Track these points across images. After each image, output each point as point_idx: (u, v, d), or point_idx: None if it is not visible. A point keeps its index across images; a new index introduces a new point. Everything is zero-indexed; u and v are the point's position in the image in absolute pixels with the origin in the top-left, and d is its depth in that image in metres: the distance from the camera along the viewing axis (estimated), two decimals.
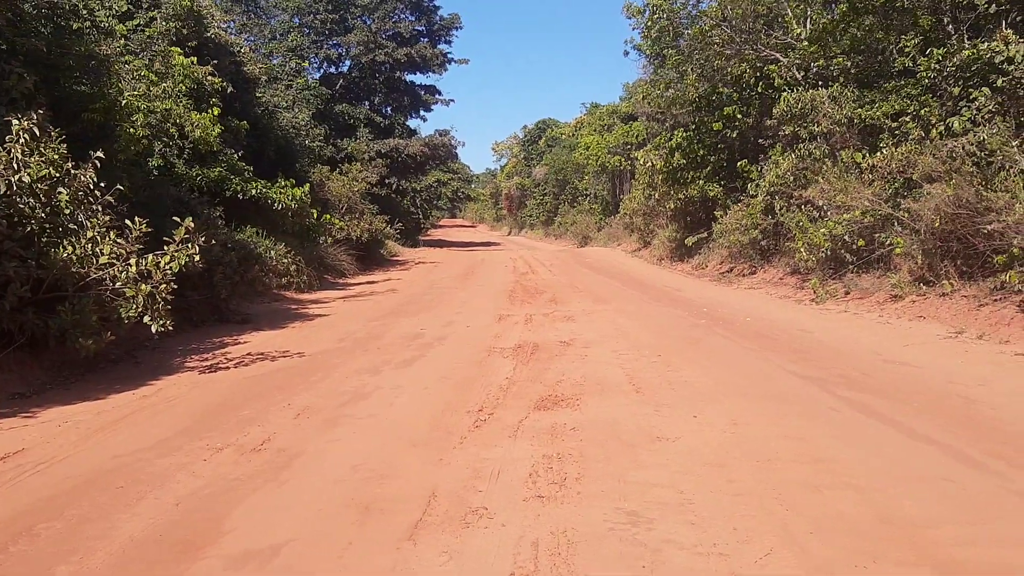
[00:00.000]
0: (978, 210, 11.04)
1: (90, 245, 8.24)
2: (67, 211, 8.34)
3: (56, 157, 8.20)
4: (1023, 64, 10.81)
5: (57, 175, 8.23)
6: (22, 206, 7.90)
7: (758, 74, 19.38)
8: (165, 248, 8.59)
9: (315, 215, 19.99)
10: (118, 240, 8.33)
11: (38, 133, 8.11)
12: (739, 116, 19.99)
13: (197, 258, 8.66)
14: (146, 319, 8.29)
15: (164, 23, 16.45)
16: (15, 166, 7.85)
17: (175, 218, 8.74)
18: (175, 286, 8.59)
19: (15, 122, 8.02)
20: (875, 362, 8.65)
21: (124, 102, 12.27)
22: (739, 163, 20.00)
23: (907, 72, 14.72)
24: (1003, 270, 10.42)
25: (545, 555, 3.71)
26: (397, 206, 37.92)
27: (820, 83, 17.07)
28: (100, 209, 8.64)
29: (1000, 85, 11.09)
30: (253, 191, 17.46)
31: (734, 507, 4.26)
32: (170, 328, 8.53)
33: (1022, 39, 11.06)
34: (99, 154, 8.61)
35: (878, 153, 13.50)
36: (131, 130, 12.87)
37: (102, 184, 8.67)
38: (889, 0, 14.93)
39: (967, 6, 12.97)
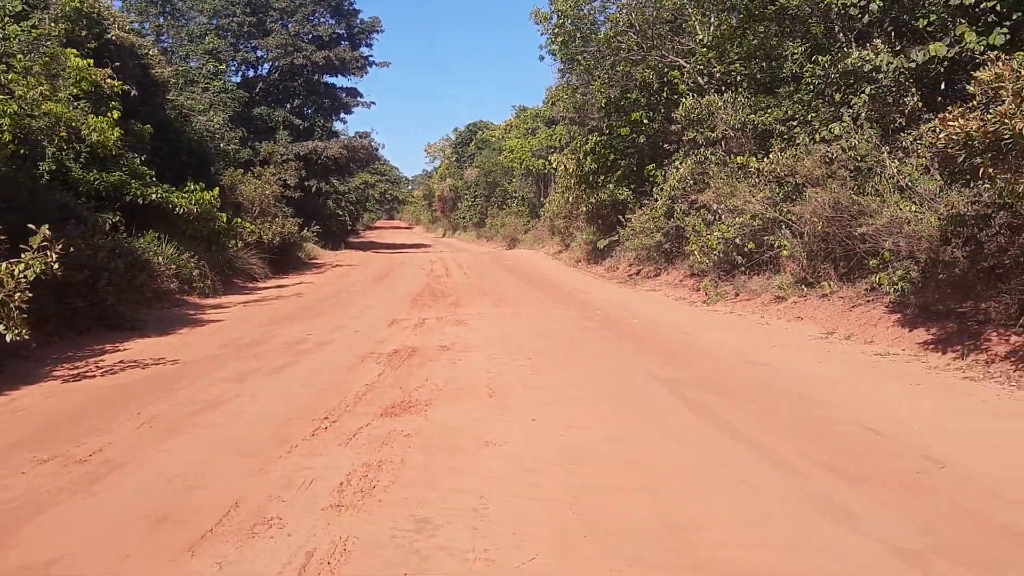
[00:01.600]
0: (853, 213, 11.38)
1: None
2: None
3: None
4: (891, 73, 11.16)
5: None
6: None
7: (663, 79, 19.68)
8: (22, 256, 8.38)
9: (225, 219, 19.69)
10: None
11: None
12: (646, 121, 20.26)
13: (56, 266, 8.46)
14: (0, 328, 8.08)
15: (52, 24, 16.04)
16: None
17: (30, 225, 8.53)
18: (31, 294, 8.36)
19: None
20: (738, 363, 8.87)
21: None
22: (647, 167, 20.29)
23: (797, 78, 15.10)
24: (875, 272, 10.76)
25: (315, 564, 3.72)
26: (320, 208, 37.55)
27: (722, 88, 17.42)
28: None
29: (871, 92, 11.44)
30: (153, 195, 17.12)
31: (525, 512, 4.33)
32: (26, 337, 8.30)
33: (891, 49, 11.41)
34: None
35: (766, 158, 13.81)
36: None
37: None
38: (782, 8, 15.29)
39: (849, 15, 13.33)
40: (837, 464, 5.11)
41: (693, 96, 17.04)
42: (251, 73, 36.66)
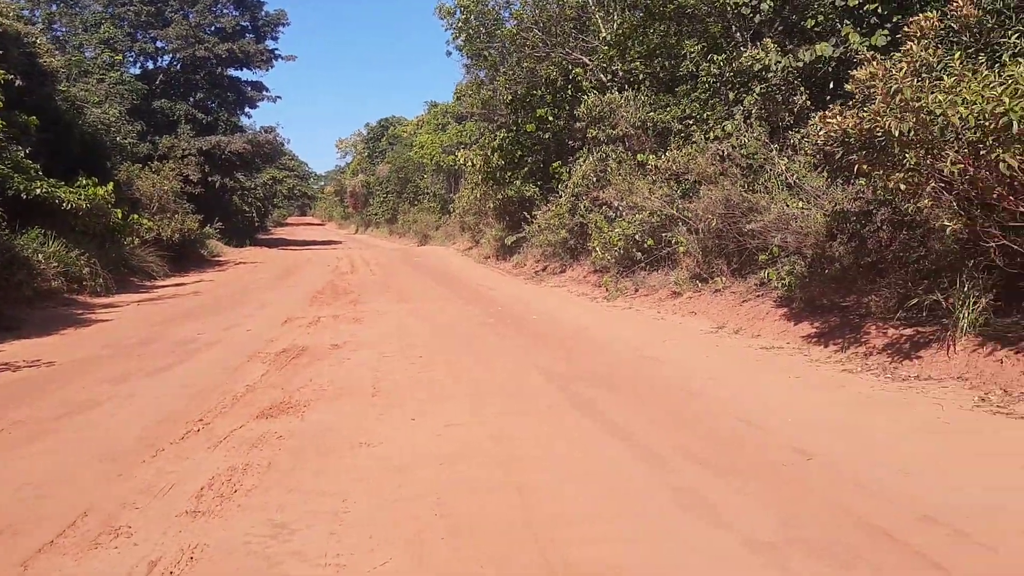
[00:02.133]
0: (744, 210, 11.60)
1: None
2: None
3: None
4: (780, 72, 11.42)
5: None
6: None
7: (567, 76, 19.77)
8: None
9: (120, 215, 18.96)
10: None
11: None
12: (551, 118, 20.33)
13: None
14: None
15: None
16: None
17: None
18: None
19: None
20: (630, 358, 8.94)
21: None
22: (553, 164, 20.38)
23: (694, 77, 15.34)
24: (764, 267, 10.99)
25: (157, 575, 3.55)
26: (225, 204, 36.57)
27: (624, 86, 17.59)
28: None
29: (761, 91, 11.69)
30: (38, 190, 16.35)
31: (387, 514, 4.23)
32: None
33: (780, 49, 11.68)
34: None
35: (662, 156, 13.99)
36: None
37: None
38: (680, 7, 15.50)
39: (742, 15, 13.60)
40: (708, 457, 5.16)
41: (595, 93, 17.15)
42: (151, 65, 35.47)
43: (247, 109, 38.66)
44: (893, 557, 3.66)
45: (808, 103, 11.64)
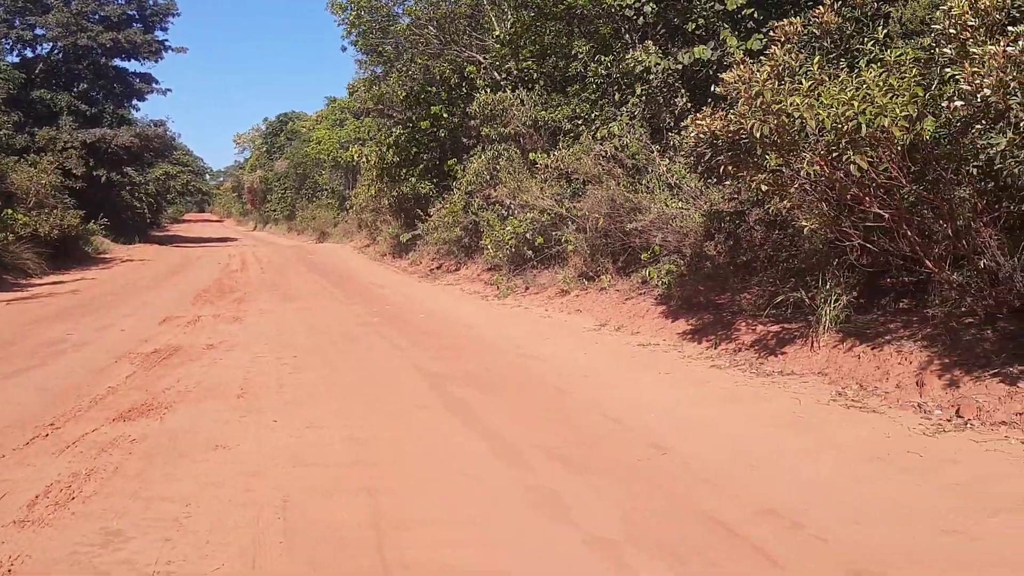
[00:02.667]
0: (627, 210, 11.76)
1: None
2: None
3: None
4: (660, 74, 11.62)
5: None
6: None
7: (461, 74, 19.71)
8: None
9: None
10: None
11: None
12: (446, 116, 20.23)
13: None
14: None
15: None
16: None
17: None
18: None
19: None
20: (511, 357, 8.94)
21: None
22: (448, 161, 20.29)
23: (583, 77, 15.49)
24: (646, 266, 11.16)
25: None
26: (114, 200, 35.15)
27: (517, 85, 17.62)
28: None
29: (642, 93, 11.88)
30: None
31: (228, 519, 4.10)
32: None
33: (661, 51, 11.89)
34: None
35: (550, 155, 14.08)
36: None
37: None
38: (570, 7, 15.62)
39: (627, 17, 13.80)
40: (569, 454, 5.18)
41: (487, 92, 17.14)
42: (30, 53, 33.74)
43: (135, 101, 37.20)
44: (729, 551, 3.73)
45: (688, 105, 11.87)
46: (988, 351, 6.46)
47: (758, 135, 6.70)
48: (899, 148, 6.18)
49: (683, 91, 11.92)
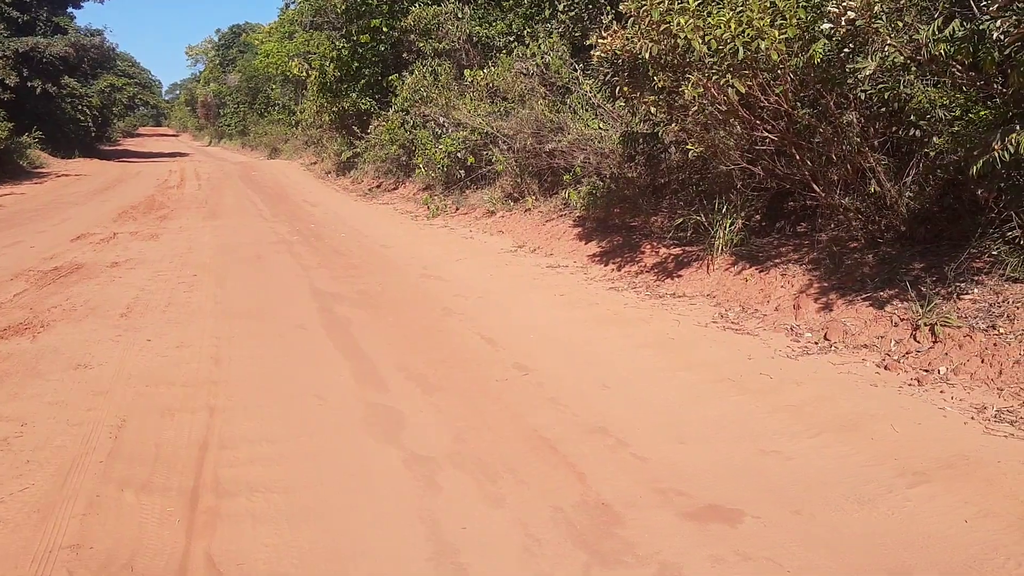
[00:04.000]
0: (551, 129, 11.63)
1: None
2: None
3: None
4: None
5: None
6: None
7: None
8: None
9: None
10: None
11: None
12: (386, 29, 19.68)
13: None
14: None
15: None
16: None
17: None
18: None
19: None
20: (413, 277, 8.89)
21: None
22: (390, 77, 19.83)
23: None
24: (568, 187, 11.10)
25: None
26: (54, 113, 34.07)
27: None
28: None
29: (564, 9, 11.63)
30: None
31: (57, 439, 4.10)
32: None
33: None
34: None
35: (480, 72, 13.82)
36: None
37: None
38: None
39: None
40: (429, 375, 5.21)
41: (422, 4, 16.69)
42: None
43: (70, 9, 35.52)
44: (543, 467, 3.79)
45: (614, 24, 11.64)
46: (865, 275, 6.54)
47: (647, 56, 6.60)
48: (783, 72, 6.13)
49: (608, 8, 11.66)
